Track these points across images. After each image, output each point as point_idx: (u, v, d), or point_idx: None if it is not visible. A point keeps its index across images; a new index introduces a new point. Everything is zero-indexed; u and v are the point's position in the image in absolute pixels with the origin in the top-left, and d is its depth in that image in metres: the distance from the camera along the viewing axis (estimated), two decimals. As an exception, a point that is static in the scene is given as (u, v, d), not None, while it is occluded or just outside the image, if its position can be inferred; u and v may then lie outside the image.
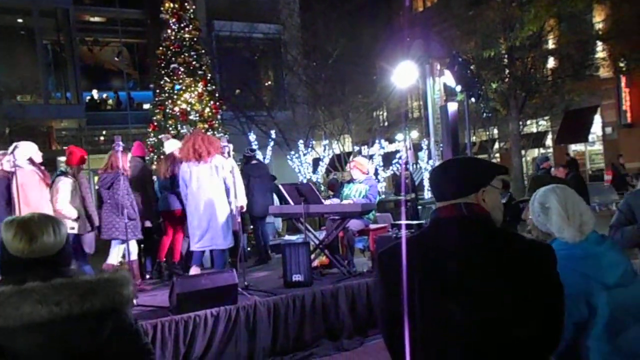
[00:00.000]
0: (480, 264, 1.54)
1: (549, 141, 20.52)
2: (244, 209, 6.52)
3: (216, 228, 5.80)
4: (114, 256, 5.98)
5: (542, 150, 20.53)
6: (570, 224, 2.00)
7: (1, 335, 1.39)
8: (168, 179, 6.52)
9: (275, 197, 9.01)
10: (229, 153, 5.69)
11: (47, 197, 5.45)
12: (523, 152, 17.55)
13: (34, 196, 5.22)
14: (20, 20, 21.43)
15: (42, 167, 5.54)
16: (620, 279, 1.96)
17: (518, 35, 13.98)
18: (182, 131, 9.84)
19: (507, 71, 15.05)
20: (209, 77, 10.46)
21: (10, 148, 5.27)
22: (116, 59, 25.20)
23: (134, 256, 5.93)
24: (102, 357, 1.49)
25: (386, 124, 21.38)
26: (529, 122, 18.02)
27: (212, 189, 5.81)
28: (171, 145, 6.91)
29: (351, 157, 11.36)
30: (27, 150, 5.36)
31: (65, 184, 5.58)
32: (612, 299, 1.91)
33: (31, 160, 5.36)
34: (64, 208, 5.48)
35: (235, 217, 5.91)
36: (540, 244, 1.67)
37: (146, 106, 22.50)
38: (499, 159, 20.28)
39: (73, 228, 5.50)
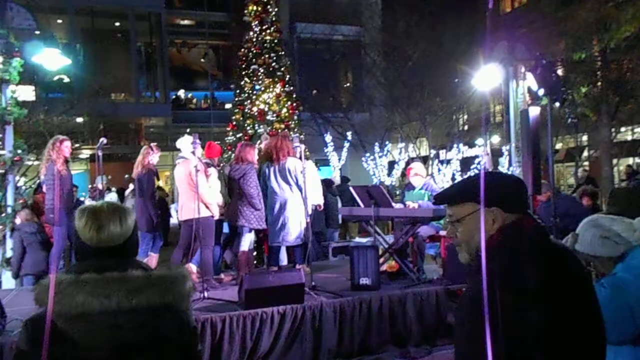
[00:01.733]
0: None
1: (646, 150, 19.05)
2: (321, 208, 6.66)
3: (288, 226, 6.13)
4: (245, 244, 6.20)
5: (637, 160, 19.09)
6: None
7: (61, 320, 1.47)
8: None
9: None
10: (300, 153, 5.76)
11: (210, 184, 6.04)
12: (615, 160, 16.40)
13: (202, 182, 5.74)
14: (117, 24, 22.91)
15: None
16: None
17: (613, 37, 13.09)
18: (259, 131, 10.08)
19: (599, 74, 14.14)
20: (287, 78, 10.66)
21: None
22: (202, 60, 26.29)
23: (245, 247, 6.17)
24: (152, 352, 1.52)
25: (465, 127, 20.78)
26: (622, 129, 16.81)
27: (286, 189, 6.13)
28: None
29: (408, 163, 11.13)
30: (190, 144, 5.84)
31: (215, 174, 6.19)
32: None
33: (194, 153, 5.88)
34: (215, 195, 6.00)
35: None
36: None
37: (228, 106, 23.31)
38: (587, 168, 19.10)
39: (213, 215, 5.94)
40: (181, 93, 25.71)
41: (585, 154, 18.53)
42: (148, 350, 1.51)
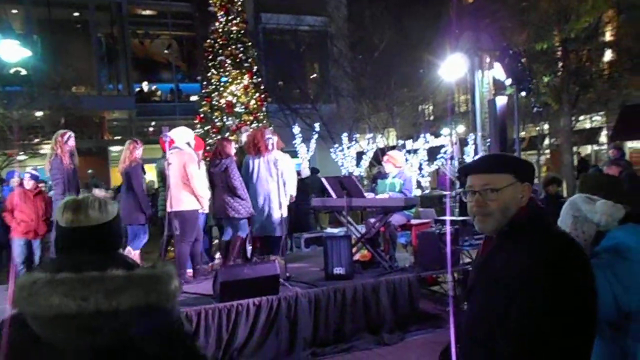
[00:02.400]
0: None
1: (603, 137, 19.70)
2: (293, 199, 6.70)
3: (271, 218, 6.22)
4: (243, 232, 6.26)
5: (595, 147, 19.73)
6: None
7: (36, 324, 1.40)
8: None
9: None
10: (272, 145, 5.74)
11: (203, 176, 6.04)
12: (575, 148, 16.91)
13: (197, 175, 5.73)
14: (76, 14, 22.24)
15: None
16: None
17: (573, 27, 13.44)
18: (227, 123, 9.98)
19: (560, 64, 14.52)
20: (255, 70, 10.55)
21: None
22: (166, 51, 25.79)
23: (243, 234, 6.26)
24: (136, 355, 1.44)
25: (432, 117, 21.06)
26: (582, 117, 17.32)
27: (269, 181, 6.20)
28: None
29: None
30: (186, 135, 5.95)
31: (203, 168, 6.17)
32: None
33: (189, 144, 5.92)
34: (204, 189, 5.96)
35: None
36: None
37: (193, 98, 22.94)
38: (549, 156, 19.63)
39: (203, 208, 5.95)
40: (145, 85, 25.19)
41: (547, 142, 19.04)
42: (131, 353, 1.43)
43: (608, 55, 15.60)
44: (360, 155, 15.87)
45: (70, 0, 21.10)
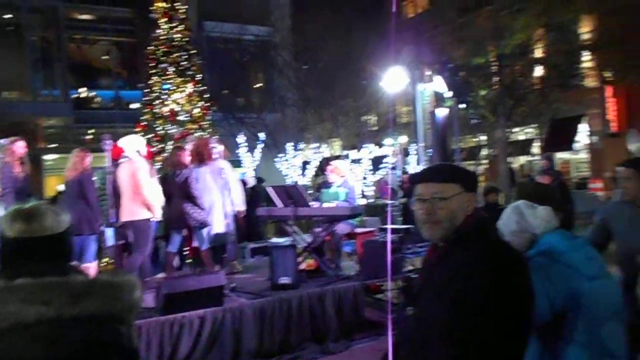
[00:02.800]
0: None
1: (535, 149, 20.72)
2: (243, 214, 6.66)
3: (212, 227, 6.25)
4: (206, 241, 6.15)
5: (528, 158, 20.72)
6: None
7: None
8: None
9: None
10: (219, 154, 5.69)
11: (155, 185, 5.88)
12: (510, 159, 17.69)
13: (147, 184, 5.59)
14: (8, 16, 21.20)
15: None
16: (599, 270, 2.03)
17: (508, 44, 14.12)
18: (170, 131, 9.80)
19: (496, 79, 15.19)
20: (198, 78, 10.43)
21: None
22: (105, 57, 25.03)
23: (207, 244, 6.15)
24: None
25: (375, 128, 21.47)
26: (516, 129, 18.17)
27: (213, 190, 6.21)
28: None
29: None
30: (136, 143, 5.85)
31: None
32: (593, 290, 1.95)
33: (139, 153, 5.78)
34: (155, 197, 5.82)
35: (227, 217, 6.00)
36: None
37: (134, 106, 22.31)
38: (487, 166, 20.42)
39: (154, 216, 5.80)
40: (83, 91, 24.31)
41: (484, 152, 19.83)
42: None
43: (539, 71, 16.47)
44: (305, 164, 15.96)
45: (1, 1, 20.10)
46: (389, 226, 6.57)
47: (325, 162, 16.27)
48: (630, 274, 2.89)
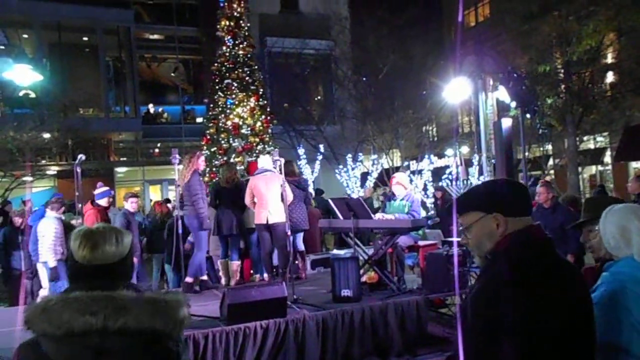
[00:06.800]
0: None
1: (607, 158, 19.72)
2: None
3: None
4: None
5: (600, 168, 19.74)
6: None
7: (46, 342, 1.42)
8: None
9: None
10: (280, 168, 5.79)
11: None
12: (580, 169, 16.92)
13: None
14: (85, 38, 22.60)
15: None
16: None
17: (575, 50, 13.59)
18: (233, 144, 10.08)
19: (563, 86, 14.62)
20: (260, 92, 10.70)
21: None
22: (172, 74, 26.13)
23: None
24: None
25: (436, 139, 21.15)
26: (586, 138, 17.39)
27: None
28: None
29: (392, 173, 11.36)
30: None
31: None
32: None
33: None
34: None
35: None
36: None
37: (199, 120, 23.13)
38: (553, 176, 19.61)
39: None
40: (151, 107, 25.46)
41: (551, 162, 19.06)
42: None
43: (610, 77, 15.72)
44: (364, 176, 15.93)
45: (79, 25, 21.45)
46: (455, 239, 6.45)
47: (384, 174, 16.21)
48: None
